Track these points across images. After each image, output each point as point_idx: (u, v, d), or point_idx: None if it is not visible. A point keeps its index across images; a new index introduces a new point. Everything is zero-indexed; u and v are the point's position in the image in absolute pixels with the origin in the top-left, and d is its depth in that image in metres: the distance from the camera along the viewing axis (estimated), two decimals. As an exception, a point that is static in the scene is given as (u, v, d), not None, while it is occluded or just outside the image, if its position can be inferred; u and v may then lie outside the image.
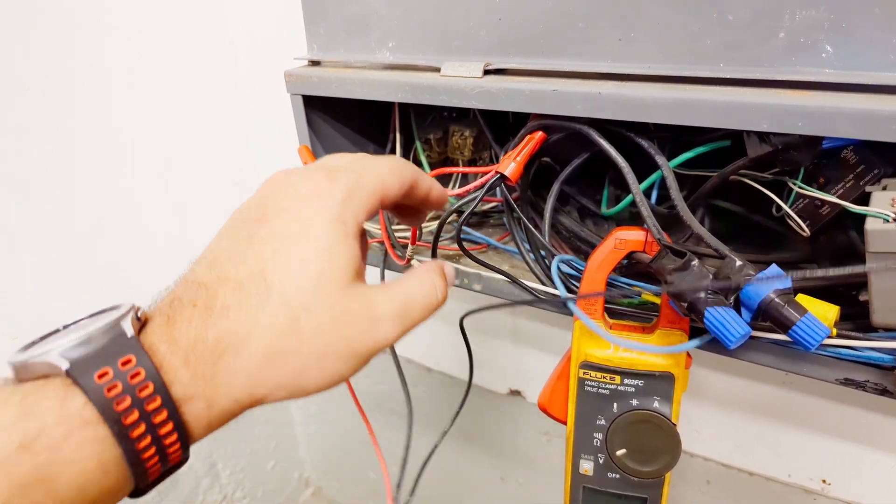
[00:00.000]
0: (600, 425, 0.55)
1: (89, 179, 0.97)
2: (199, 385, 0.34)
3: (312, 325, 0.36)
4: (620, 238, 0.52)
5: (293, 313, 0.36)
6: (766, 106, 0.44)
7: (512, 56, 0.58)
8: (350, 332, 0.38)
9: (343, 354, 0.38)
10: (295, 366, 0.36)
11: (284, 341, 0.36)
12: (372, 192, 0.41)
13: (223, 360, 0.35)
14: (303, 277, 0.37)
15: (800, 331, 0.43)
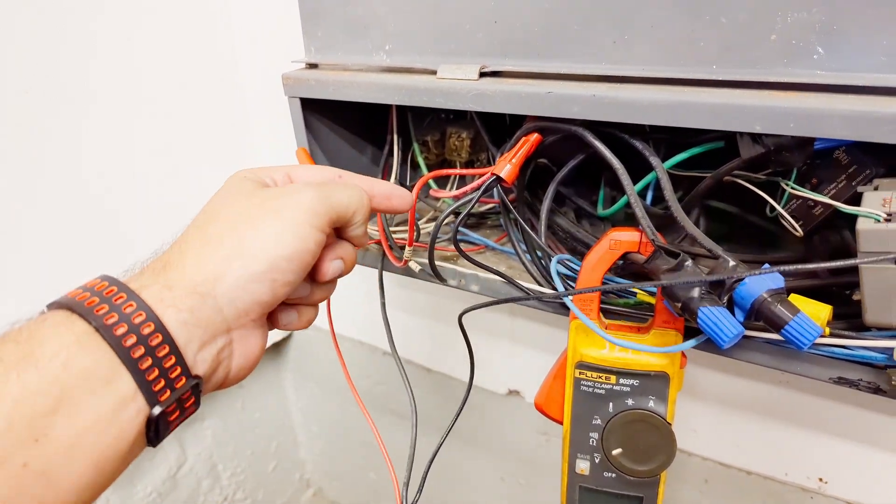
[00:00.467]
0: (596, 425, 0.55)
1: (90, 183, 0.97)
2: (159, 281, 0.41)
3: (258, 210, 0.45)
4: (615, 239, 0.53)
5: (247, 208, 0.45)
6: (759, 107, 0.44)
7: (508, 58, 0.58)
8: (290, 209, 0.44)
9: (297, 236, 0.44)
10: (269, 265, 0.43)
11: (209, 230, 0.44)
12: (330, 201, 0.47)
13: (171, 265, 0.42)
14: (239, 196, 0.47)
15: (792, 330, 0.43)
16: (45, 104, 0.89)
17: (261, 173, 0.50)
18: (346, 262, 0.51)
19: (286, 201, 0.45)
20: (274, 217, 0.44)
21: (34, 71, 0.87)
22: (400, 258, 0.70)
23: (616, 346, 0.53)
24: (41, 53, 0.88)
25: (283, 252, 0.43)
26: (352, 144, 0.82)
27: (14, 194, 0.89)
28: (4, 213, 0.89)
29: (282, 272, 0.43)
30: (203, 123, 1.12)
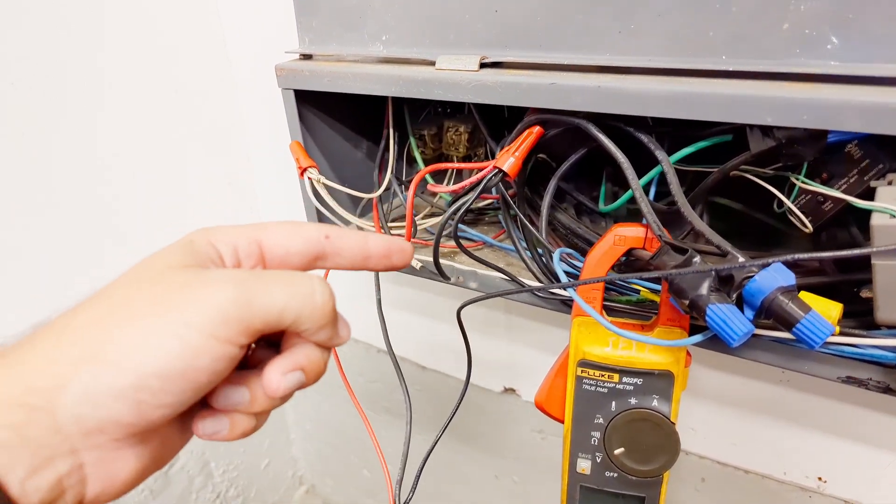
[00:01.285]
0: (598, 424, 0.54)
1: (80, 179, 0.96)
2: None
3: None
4: (620, 234, 0.51)
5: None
6: (771, 99, 0.43)
7: (509, 49, 0.57)
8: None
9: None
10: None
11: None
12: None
13: (10, 359, 0.33)
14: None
15: (804, 328, 0.42)
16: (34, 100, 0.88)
17: (216, 238, 0.39)
18: (307, 372, 0.38)
19: (187, 296, 0.34)
20: (158, 316, 0.33)
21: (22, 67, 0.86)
22: (397, 254, 0.68)
23: (619, 344, 0.52)
24: (31, 49, 0.86)
25: (157, 366, 0.32)
26: (346, 138, 0.80)
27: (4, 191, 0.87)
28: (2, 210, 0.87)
29: (152, 392, 0.32)
30: (196, 120, 1.11)
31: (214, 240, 0.39)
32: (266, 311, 0.35)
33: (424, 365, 1.24)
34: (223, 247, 0.39)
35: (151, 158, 1.05)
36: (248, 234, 0.40)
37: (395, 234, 0.71)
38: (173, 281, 0.35)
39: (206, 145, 1.14)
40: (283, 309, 0.35)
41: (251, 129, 1.19)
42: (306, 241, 0.41)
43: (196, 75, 1.09)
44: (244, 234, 0.40)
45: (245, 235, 0.40)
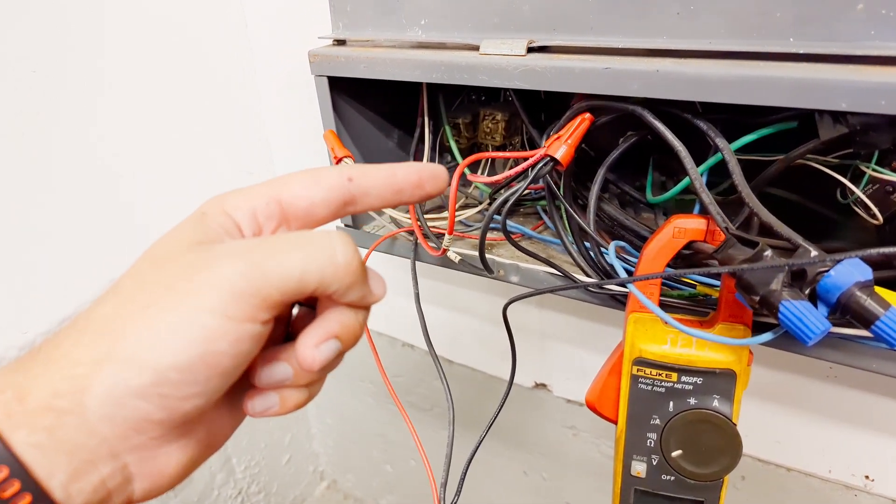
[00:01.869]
0: (655, 425, 0.52)
1: (98, 170, 0.94)
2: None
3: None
4: (680, 227, 0.49)
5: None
6: (845, 83, 0.41)
7: (557, 32, 0.54)
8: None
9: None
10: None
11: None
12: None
13: (36, 360, 0.32)
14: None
15: (884, 325, 0.39)
16: (54, 86, 0.86)
17: (230, 206, 0.36)
18: (342, 338, 0.36)
19: (194, 278, 0.31)
20: (168, 304, 0.31)
21: (42, 52, 0.84)
22: (437, 247, 0.66)
23: (678, 342, 0.50)
24: (49, 34, 0.84)
25: (173, 359, 0.30)
26: (378, 127, 0.78)
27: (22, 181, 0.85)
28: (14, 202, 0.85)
29: (174, 385, 0.30)
30: (215, 111, 1.09)
31: (229, 207, 0.36)
32: (282, 280, 0.32)
33: (451, 359, 1.22)
34: (239, 214, 0.36)
35: (171, 146, 1.03)
36: (264, 193, 0.36)
37: (432, 226, 0.69)
38: (181, 263, 0.32)
39: (226, 133, 1.12)
40: (302, 274, 0.32)
41: (271, 117, 1.17)
42: (328, 188, 0.37)
43: (215, 62, 1.07)
44: (260, 194, 0.36)
45: (261, 196, 0.36)
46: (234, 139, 1.14)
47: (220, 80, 1.08)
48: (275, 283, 0.32)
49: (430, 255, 0.67)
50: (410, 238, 0.72)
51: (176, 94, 1.02)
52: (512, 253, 0.67)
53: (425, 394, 1.31)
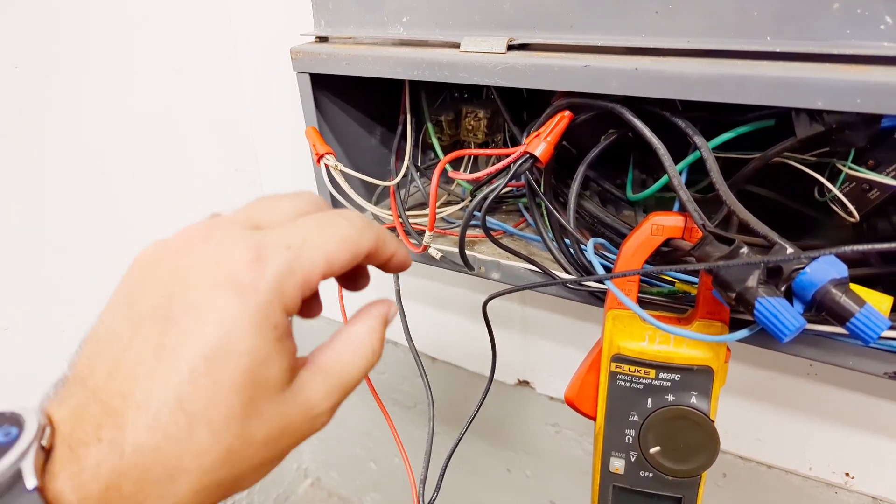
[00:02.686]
0: (633, 421, 0.52)
1: (85, 168, 0.93)
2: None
3: (248, 451, 0.31)
4: (658, 224, 0.49)
5: (225, 445, 0.30)
6: (822, 82, 0.41)
7: (537, 30, 0.54)
8: (287, 441, 0.33)
9: (278, 460, 0.34)
10: (229, 486, 0.32)
11: (217, 473, 0.30)
12: (311, 275, 0.33)
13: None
14: (232, 405, 0.30)
15: (859, 323, 0.40)
16: (38, 84, 0.85)
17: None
18: (398, 261, 0.41)
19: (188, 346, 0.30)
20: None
21: (27, 49, 0.83)
22: (418, 244, 0.66)
23: (656, 338, 0.50)
24: (34, 31, 0.83)
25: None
26: (360, 124, 0.78)
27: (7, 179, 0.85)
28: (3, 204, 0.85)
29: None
30: (200, 108, 1.08)
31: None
32: (302, 280, 0.33)
33: (434, 356, 1.22)
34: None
35: (155, 143, 1.03)
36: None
37: (414, 223, 0.69)
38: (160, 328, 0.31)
39: (211, 129, 1.12)
40: (329, 261, 0.34)
41: (256, 114, 1.17)
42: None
43: (200, 59, 1.06)
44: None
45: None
46: (220, 136, 1.14)
47: (205, 77, 1.08)
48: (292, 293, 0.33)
49: (412, 251, 0.67)
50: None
51: (161, 92, 1.01)
52: (493, 250, 0.67)
53: (409, 391, 1.31)
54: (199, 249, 0.32)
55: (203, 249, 0.32)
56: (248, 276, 0.31)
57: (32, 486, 0.27)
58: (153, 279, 0.32)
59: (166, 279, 0.32)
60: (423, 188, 0.77)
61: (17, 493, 0.27)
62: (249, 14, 1.06)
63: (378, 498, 1.61)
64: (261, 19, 1.05)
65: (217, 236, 0.32)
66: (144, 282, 0.32)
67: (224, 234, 0.33)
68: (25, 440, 0.28)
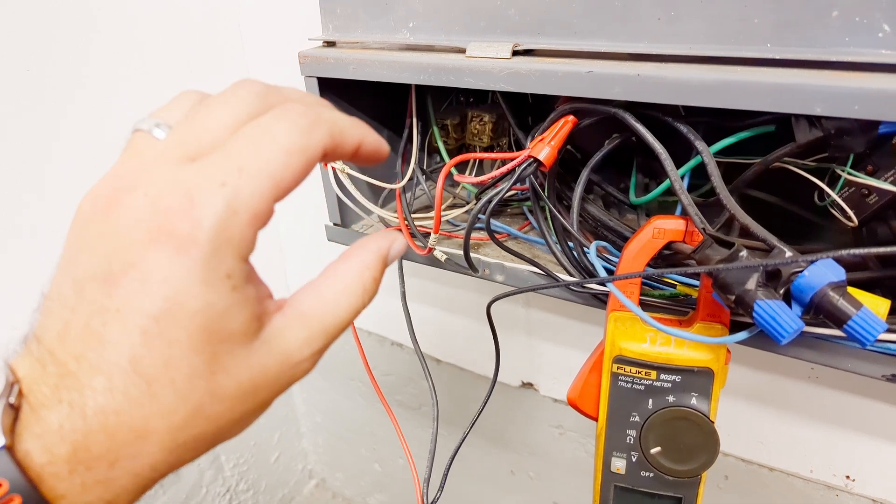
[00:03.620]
0: (634, 422, 0.53)
1: (87, 170, 0.94)
2: (94, 493, 0.28)
3: (221, 406, 0.30)
4: (659, 227, 0.50)
5: (193, 403, 0.29)
6: (821, 88, 0.42)
7: (542, 36, 0.55)
8: (266, 393, 0.32)
9: (260, 410, 0.33)
10: (210, 440, 0.31)
11: (191, 430, 0.30)
12: (258, 208, 0.29)
13: (119, 466, 0.28)
14: (193, 363, 0.29)
15: (856, 325, 0.41)
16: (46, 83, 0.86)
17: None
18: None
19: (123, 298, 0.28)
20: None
21: (35, 51, 0.84)
22: (423, 246, 0.67)
23: (658, 340, 0.51)
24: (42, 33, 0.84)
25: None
26: (368, 128, 0.79)
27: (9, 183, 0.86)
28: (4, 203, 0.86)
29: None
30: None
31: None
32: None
33: (440, 358, 1.23)
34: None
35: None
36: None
37: (419, 225, 0.70)
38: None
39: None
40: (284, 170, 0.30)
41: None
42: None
43: (210, 63, 1.07)
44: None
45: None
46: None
47: (215, 81, 1.09)
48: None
49: (417, 253, 0.68)
50: (398, 237, 0.73)
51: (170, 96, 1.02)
52: (497, 252, 0.67)
53: (414, 392, 1.31)
54: (127, 201, 0.29)
55: (132, 200, 0.29)
56: (184, 226, 0.28)
57: (1, 445, 0.27)
58: (88, 237, 0.30)
59: (100, 236, 0.29)
60: (429, 191, 0.78)
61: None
62: (258, 19, 1.07)
63: (382, 499, 1.62)
64: (270, 24, 1.06)
65: (144, 182, 0.29)
66: (81, 240, 0.30)
67: (152, 179, 0.29)
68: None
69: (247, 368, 0.30)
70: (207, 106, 0.32)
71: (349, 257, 0.36)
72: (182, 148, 0.30)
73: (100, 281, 0.28)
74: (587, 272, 0.60)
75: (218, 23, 1.06)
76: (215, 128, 0.31)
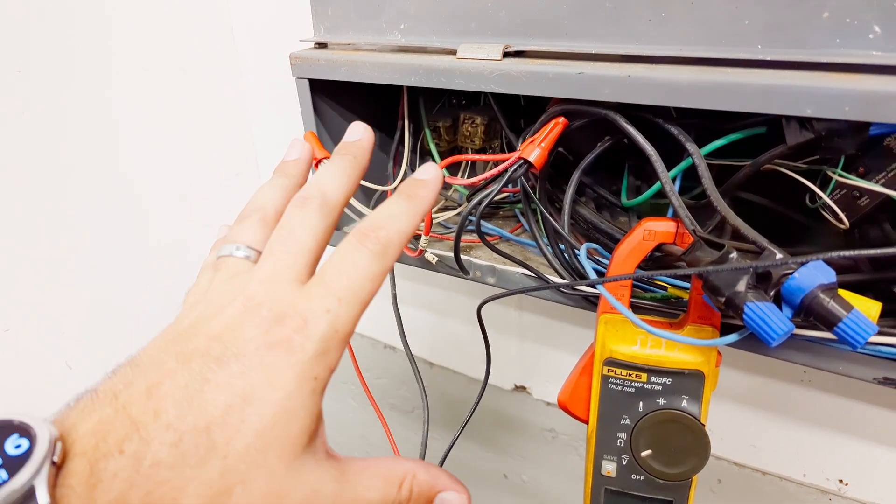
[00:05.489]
0: (625, 425, 0.53)
1: (85, 170, 0.94)
2: None
3: (244, 501, 0.32)
4: (650, 229, 0.50)
5: (228, 485, 0.31)
6: (811, 89, 0.41)
7: (533, 38, 0.55)
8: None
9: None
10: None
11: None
12: (350, 326, 0.37)
13: None
14: (251, 445, 0.32)
15: (846, 328, 0.40)
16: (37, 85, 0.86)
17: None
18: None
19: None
20: None
21: (30, 53, 0.84)
22: (415, 248, 0.66)
23: (648, 343, 0.50)
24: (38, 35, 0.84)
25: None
26: (360, 130, 0.78)
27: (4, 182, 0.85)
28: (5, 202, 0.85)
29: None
30: (200, 111, 1.09)
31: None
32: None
33: (432, 361, 1.22)
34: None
35: (155, 147, 1.03)
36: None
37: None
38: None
39: (211, 134, 1.12)
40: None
41: (257, 119, 1.18)
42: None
43: (201, 64, 1.07)
44: None
45: None
46: (220, 141, 1.14)
47: (207, 82, 1.08)
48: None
49: (408, 255, 0.68)
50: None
51: (161, 97, 1.02)
52: (489, 255, 0.67)
53: (406, 396, 1.31)
54: (253, 311, 0.35)
55: (257, 311, 0.35)
56: (297, 338, 0.34)
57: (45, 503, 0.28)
58: (207, 328, 0.35)
59: (221, 330, 0.35)
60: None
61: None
62: (250, 20, 1.07)
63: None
64: (261, 25, 1.06)
65: (269, 301, 0.36)
66: (197, 328, 0.35)
67: (274, 299, 0.36)
68: (38, 455, 0.28)
69: (279, 476, 0.33)
70: (289, 230, 0.40)
71: (392, 463, 0.40)
72: (288, 273, 0.37)
73: (211, 359, 0.34)
74: (578, 274, 0.60)
75: (209, 24, 1.06)
76: (306, 251, 0.39)
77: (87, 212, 0.96)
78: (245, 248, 0.41)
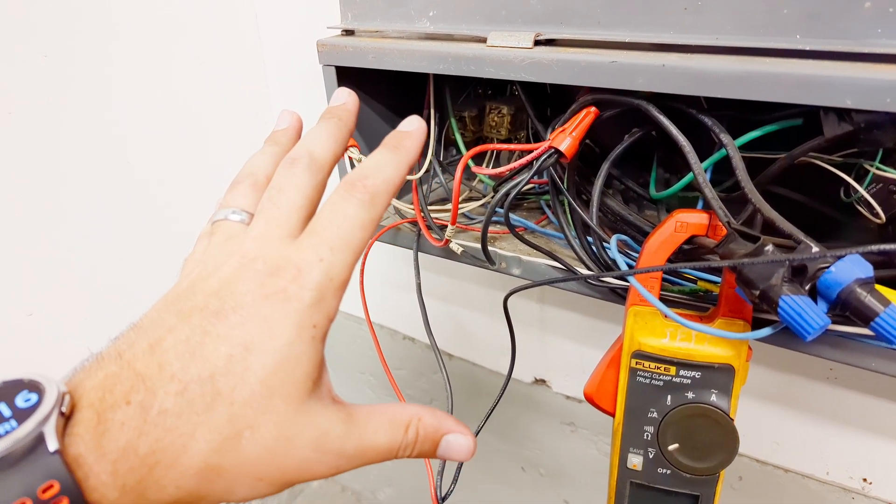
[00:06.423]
0: (652, 418, 0.52)
1: (108, 158, 0.94)
2: (124, 499, 0.31)
3: (254, 446, 0.33)
4: (682, 221, 0.49)
5: (236, 430, 0.33)
6: (851, 80, 0.41)
7: (564, 26, 0.54)
8: (289, 462, 0.34)
9: (276, 483, 0.35)
10: (226, 484, 0.33)
11: (221, 459, 0.33)
12: (344, 274, 0.38)
13: (153, 472, 0.31)
14: (256, 392, 0.33)
15: (883, 323, 0.39)
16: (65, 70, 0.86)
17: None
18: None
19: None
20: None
21: (54, 38, 0.84)
22: (440, 238, 0.66)
23: (678, 335, 0.50)
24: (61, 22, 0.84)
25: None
26: (385, 119, 0.78)
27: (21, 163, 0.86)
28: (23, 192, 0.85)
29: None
30: (220, 94, 1.09)
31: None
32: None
33: (452, 353, 1.22)
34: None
35: (178, 135, 1.03)
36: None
37: (435, 217, 0.69)
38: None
39: (234, 121, 1.12)
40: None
41: (280, 106, 1.17)
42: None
43: (225, 51, 1.07)
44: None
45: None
46: (243, 129, 1.14)
47: (230, 70, 1.08)
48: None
49: (433, 245, 0.67)
50: (414, 229, 0.72)
51: (185, 85, 1.02)
52: (514, 246, 0.67)
53: (425, 387, 1.31)
54: (248, 266, 0.36)
55: (252, 266, 0.36)
56: (293, 287, 0.35)
57: (54, 449, 0.29)
58: (204, 286, 0.36)
59: (218, 286, 0.36)
60: (445, 183, 0.77)
61: (39, 455, 0.29)
62: (275, 7, 1.06)
63: (391, 493, 1.61)
64: (286, 12, 1.06)
65: (263, 255, 0.37)
66: (195, 287, 0.36)
67: (267, 253, 0.37)
68: (46, 406, 0.30)
69: (286, 420, 0.34)
70: (279, 189, 0.40)
71: (401, 411, 0.41)
72: (279, 229, 0.38)
73: (209, 313, 0.34)
74: (606, 267, 0.59)
75: (234, 10, 1.06)
76: (296, 208, 0.39)
77: (107, 198, 0.96)
78: (239, 211, 0.41)
